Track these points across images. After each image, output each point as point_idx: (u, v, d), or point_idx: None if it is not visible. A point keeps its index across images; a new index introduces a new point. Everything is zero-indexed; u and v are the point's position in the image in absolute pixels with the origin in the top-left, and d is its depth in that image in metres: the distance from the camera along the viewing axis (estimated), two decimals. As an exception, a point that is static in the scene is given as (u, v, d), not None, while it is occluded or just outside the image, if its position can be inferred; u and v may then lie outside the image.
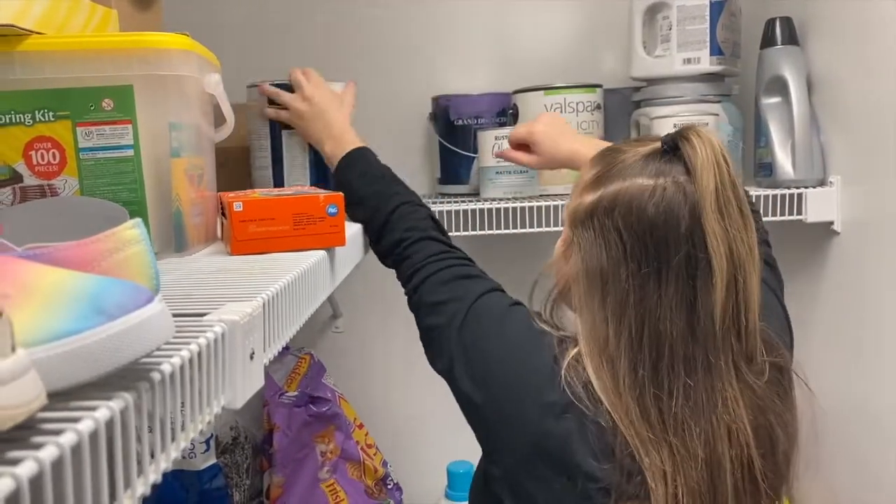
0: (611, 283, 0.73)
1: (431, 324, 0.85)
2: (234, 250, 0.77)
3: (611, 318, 0.73)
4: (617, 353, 0.72)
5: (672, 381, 0.71)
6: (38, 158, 0.70)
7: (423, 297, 0.87)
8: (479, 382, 0.79)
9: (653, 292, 0.72)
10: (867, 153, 1.14)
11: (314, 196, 0.79)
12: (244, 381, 0.46)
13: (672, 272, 0.71)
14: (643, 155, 0.76)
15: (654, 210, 0.72)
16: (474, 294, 0.85)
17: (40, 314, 0.31)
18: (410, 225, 0.95)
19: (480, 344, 0.80)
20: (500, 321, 0.82)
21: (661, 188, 0.72)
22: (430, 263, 0.90)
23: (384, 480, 1.41)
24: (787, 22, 1.25)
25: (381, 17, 1.52)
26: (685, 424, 0.70)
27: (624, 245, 0.72)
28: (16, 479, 0.25)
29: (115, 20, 0.85)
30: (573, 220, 0.78)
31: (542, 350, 0.77)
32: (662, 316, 0.71)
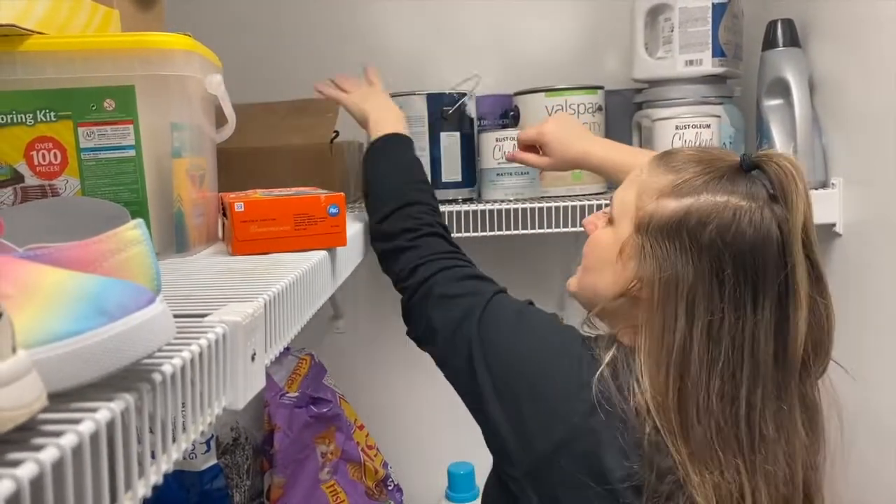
0: (700, 299, 0.72)
1: (440, 319, 0.84)
2: (236, 250, 0.77)
3: (698, 336, 0.72)
4: (699, 370, 0.71)
5: (765, 404, 0.72)
6: (40, 158, 0.70)
7: (432, 289, 0.86)
8: (500, 378, 0.78)
9: (749, 314, 0.72)
10: (869, 155, 1.14)
11: (315, 196, 0.78)
12: (246, 382, 0.46)
13: (768, 297, 0.72)
14: (725, 170, 0.76)
15: (751, 233, 0.72)
16: (490, 291, 0.85)
17: (41, 315, 0.30)
18: (426, 220, 0.94)
19: (503, 338, 0.80)
20: (522, 316, 0.82)
21: (758, 212, 0.73)
22: (441, 259, 0.89)
23: (385, 481, 1.41)
24: (788, 24, 1.25)
25: (383, 19, 1.52)
26: (771, 447, 0.72)
27: (720, 263, 0.72)
28: (16, 480, 0.25)
29: (117, 20, 0.84)
30: (649, 226, 0.75)
31: (571, 344, 0.78)
32: (758, 339, 0.72)
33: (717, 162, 0.77)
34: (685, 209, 0.74)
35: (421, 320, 0.87)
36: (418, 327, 0.88)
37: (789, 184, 0.73)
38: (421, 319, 0.87)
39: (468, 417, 0.83)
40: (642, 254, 0.75)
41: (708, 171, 0.76)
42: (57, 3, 0.75)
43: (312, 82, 1.19)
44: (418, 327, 0.88)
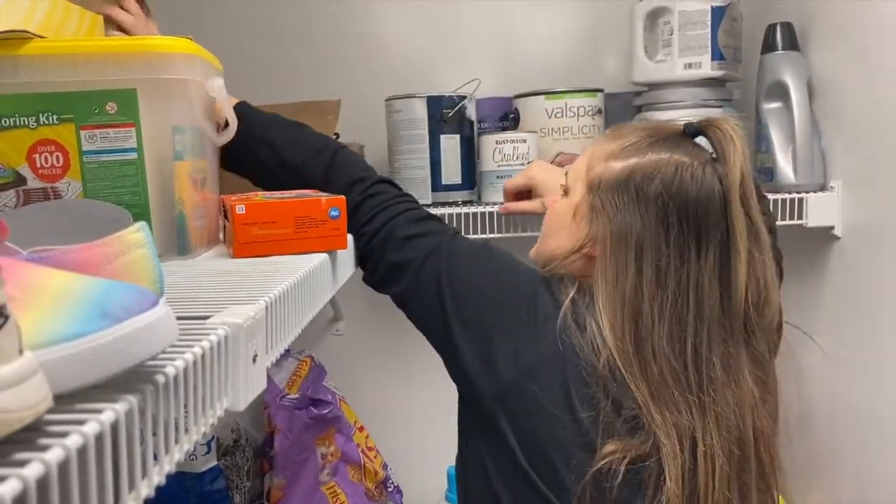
0: (648, 247, 0.78)
1: (405, 257, 0.87)
2: (237, 253, 0.77)
3: (647, 282, 0.77)
4: (650, 313, 0.77)
5: (711, 346, 0.77)
6: (42, 161, 0.71)
7: (393, 231, 0.88)
8: (468, 308, 0.82)
9: (693, 260, 0.78)
10: (868, 158, 1.15)
11: (316, 199, 0.79)
12: (247, 384, 0.46)
13: (711, 245, 0.78)
14: (669, 134, 0.83)
15: (695, 186, 0.78)
16: (450, 230, 0.90)
17: (47, 317, 0.31)
18: (364, 166, 0.96)
19: (471, 270, 0.84)
20: (487, 250, 0.87)
21: (700, 167, 0.79)
22: (397, 203, 0.91)
23: (385, 483, 1.41)
24: (787, 27, 1.25)
25: (384, 22, 1.52)
26: (720, 390, 0.76)
27: (665, 213, 0.78)
28: (23, 480, 0.25)
29: (101, 25, 0.86)
30: (599, 184, 0.81)
31: (536, 278, 0.83)
32: (702, 284, 0.77)
33: (661, 128, 0.85)
34: (631, 166, 0.80)
35: (382, 261, 0.89)
36: (378, 269, 0.90)
37: (727, 143, 0.79)
38: (382, 260, 0.89)
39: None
40: (594, 211, 0.81)
41: (652, 135, 0.83)
42: (52, 8, 0.75)
43: (313, 85, 1.20)
44: (378, 269, 0.90)
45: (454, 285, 0.83)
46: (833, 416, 1.21)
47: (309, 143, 0.96)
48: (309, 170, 0.93)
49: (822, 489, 1.25)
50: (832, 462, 1.22)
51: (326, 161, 0.93)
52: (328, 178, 0.92)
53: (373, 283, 0.92)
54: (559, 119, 1.30)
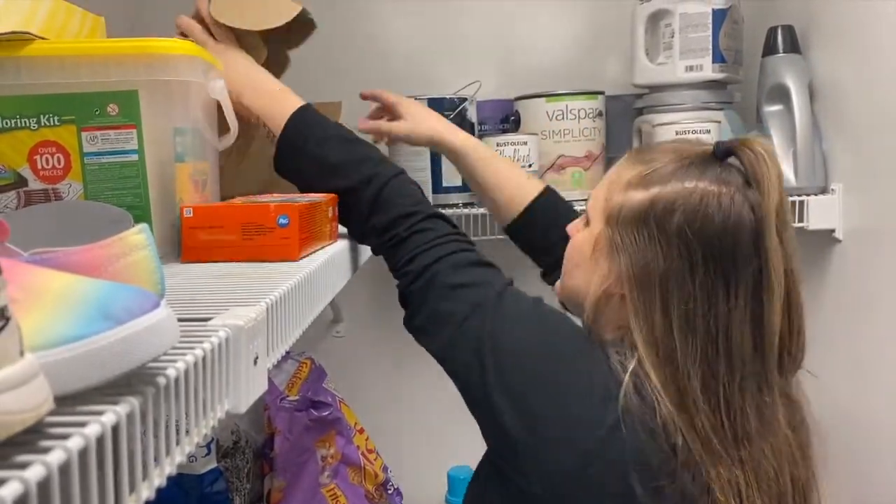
0: (674, 289, 0.70)
1: (446, 309, 0.77)
2: (184, 257, 0.74)
3: (676, 328, 0.70)
4: (684, 363, 0.70)
5: (745, 397, 0.70)
6: (43, 163, 0.70)
7: (437, 276, 0.79)
8: (515, 380, 0.72)
9: (722, 302, 0.70)
10: (869, 161, 1.15)
11: (264, 205, 0.75)
12: (248, 386, 0.46)
13: (741, 284, 0.70)
14: (695, 158, 0.74)
15: (721, 218, 0.70)
16: (499, 282, 0.79)
17: (48, 319, 0.31)
18: (416, 199, 0.86)
19: (519, 337, 0.74)
20: (538, 314, 0.76)
21: (728, 196, 0.71)
22: (446, 243, 0.81)
23: (385, 485, 1.41)
24: (789, 30, 1.25)
25: (385, 24, 1.52)
26: (757, 441, 0.70)
27: (689, 250, 0.70)
28: (24, 482, 0.25)
29: (103, 27, 0.85)
30: (617, 218, 0.74)
31: (590, 349, 0.73)
32: (733, 327, 0.70)
33: (689, 150, 0.76)
34: (652, 197, 0.72)
35: (423, 309, 0.80)
36: (418, 316, 0.81)
37: (761, 167, 0.71)
38: (423, 308, 0.80)
39: (468, 421, 0.82)
40: (613, 246, 0.74)
41: (678, 160, 0.74)
42: (54, 10, 0.75)
43: (315, 87, 1.20)
44: (418, 316, 0.81)
45: (498, 354, 0.73)
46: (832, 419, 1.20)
47: (361, 168, 0.86)
48: (356, 197, 0.85)
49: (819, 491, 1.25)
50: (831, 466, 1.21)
51: (375, 191, 0.84)
52: (374, 210, 0.84)
53: (411, 329, 0.83)
54: (560, 121, 1.30)
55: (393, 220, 0.83)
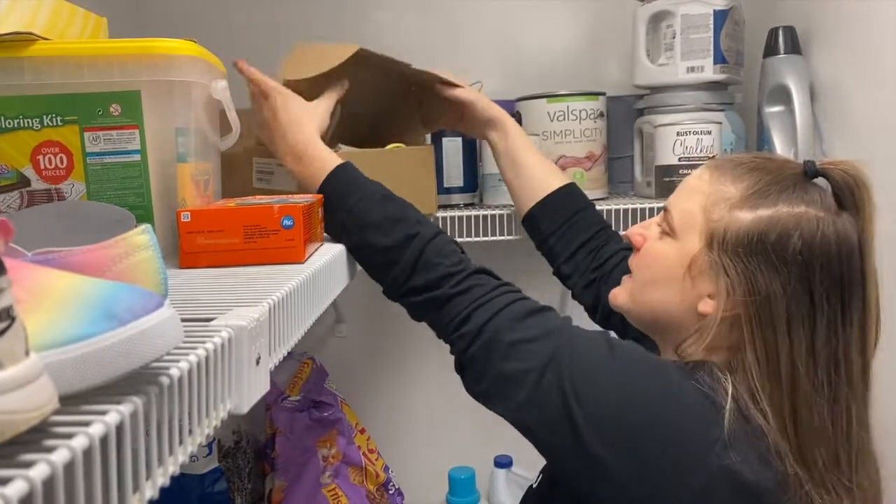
0: (795, 316, 0.69)
1: (516, 368, 0.72)
2: (182, 263, 0.72)
3: (799, 357, 0.68)
4: (808, 392, 0.68)
5: (860, 425, 0.70)
6: (46, 163, 0.71)
7: (498, 335, 0.74)
8: (611, 428, 0.67)
9: (840, 329, 0.69)
10: (869, 162, 1.15)
11: (267, 207, 0.73)
12: (250, 386, 0.46)
13: (854, 310, 0.70)
14: (790, 178, 0.73)
15: (836, 242, 0.69)
16: (559, 326, 0.75)
17: (52, 319, 0.31)
18: (458, 258, 0.82)
19: (603, 383, 0.69)
20: (613, 352, 0.72)
21: (836, 221, 0.70)
22: (497, 296, 0.77)
23: (386, 486, 1.41)
24: (790, 31, 1.25)
25: (385, 25, 1.52)
26: (865, 469, 0.70)
27: (808, 276, 0.69)
28: (29, 481, 0.25)
29: (106, 28, 0.86)
30: (724, 240, 0.71)
31: (680, 380, 0.69)
32: (850, 355, 0.70)
33: (783, 169, 0.74)
34: (766, 221, 0.70)
35: (487, 372, 0.74)
36: (483, 380, 0.75)
37: (861, 192, 0.72)
38: (487, 371, 0.74)
39: (469, 422, 0.82)
40: (721, 271, 0.71)
41: (778, 181, 0.73)
42: (57, 10, 0.76)
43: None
44: (483, 380, 0.75)
45: (587, 405, 0.68)
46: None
47: (400, 228, 0.83)
48: (394, 257, 0.82)
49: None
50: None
51: (417, 251, 0.81)
52: (416, 269, 0.81)
53: (476, 394, 0.77)
54: (561, 122, 1.30)
55: (438, 280, 0.80)
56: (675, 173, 1.21)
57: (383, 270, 0.84)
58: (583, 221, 1.05)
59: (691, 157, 1.20)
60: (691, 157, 1.20)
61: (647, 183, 1.32)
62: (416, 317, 0.84)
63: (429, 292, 0.80)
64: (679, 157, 1.20)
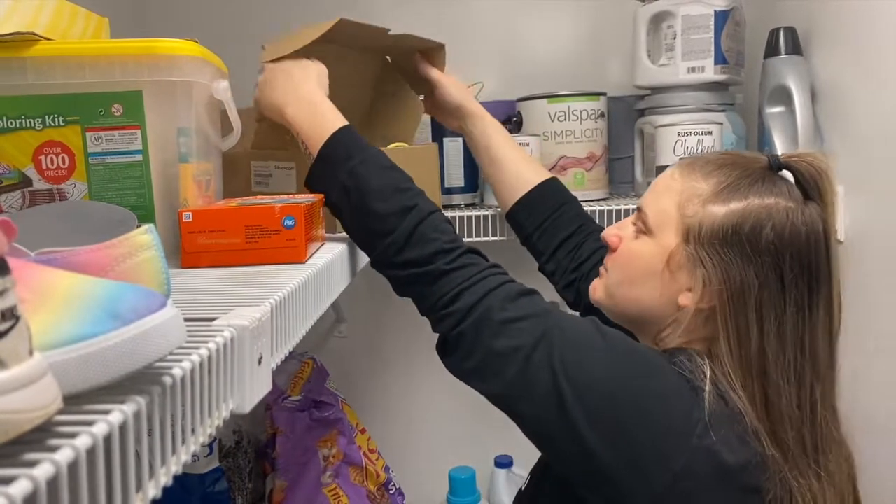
0: (767, 304, 0.71)
1: (507, 346, 0.72)
2: (184, 263, 0.72)
3: (769, 342, 0.71)
4: (776, 375, 0.71)
5: (826, 408, 0.72)
6: (48, 163, 0.71)
7: (489, 313, 0.74)
8: (598, 408, 0.69)
9: (808, 315, 0.72)
10: (871, 163, 1.15)
11: (269, 207, 0.73)
12: (252, 386, 0.46)
13: (822, 296, 0.73)
14: (758, 171, 0.76)
15: (805, 232, 0.73)
16: (548, 308, 0.76)
17: (56, 318, 0.31)
18: (452, 236, 0.81)
19: (592, 363, 0.71)
20: (603, 336, 0.73)
21: (802, 210, 0.73)
22: (488, 276, 0.77)
23: (386, 485, 1.41)
24: (791, 32, 1.25)
25: (386, 24, 1.52)
26: (834, 450, 0.72)
27: (780, 265, 0.72)
28: (33, 481, 0.25)
29: (107, 28, 0.86)
30: (700, 234, 0.74)
31: (663, 365, 0.72)
32: (816, 338, 0.72)
33: (750, 164, 0.77)
34: (738, 214, 0.73)
35: (477, 349, 0.74)
36: (472, 357, 0.75)
37: (823, 181, 0.75)
38: (477, 348, 0.74)
39: (470, 422, 0.82)
40: (699, 263, 0.74)
41: (747, 175, 0.76)
42: (59, 10, 0.76)
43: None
44: (472, 357, 0.75)
45: (577, 384, 0.69)
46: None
47: (400, 197, 0.82)
48: (390, 226, 0.81)
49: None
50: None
51: (413, 223, 0.80)
52: (410, 242, 0.80)
53: (464, 372, 0.76)
54: (562, 122, 1.30)
55: (431, 255, 0.79)
56: (676, 174, 1.21)
57: (376, 238, 0.82)
58: (562, 219, 1.06)
59: (654, 182, 1.20)
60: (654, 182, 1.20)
61: (647, 183, 1.31)
62: (400, 290, 0.83)
63: (420, 266, 0.79)
64: (680, 157, 1.20)
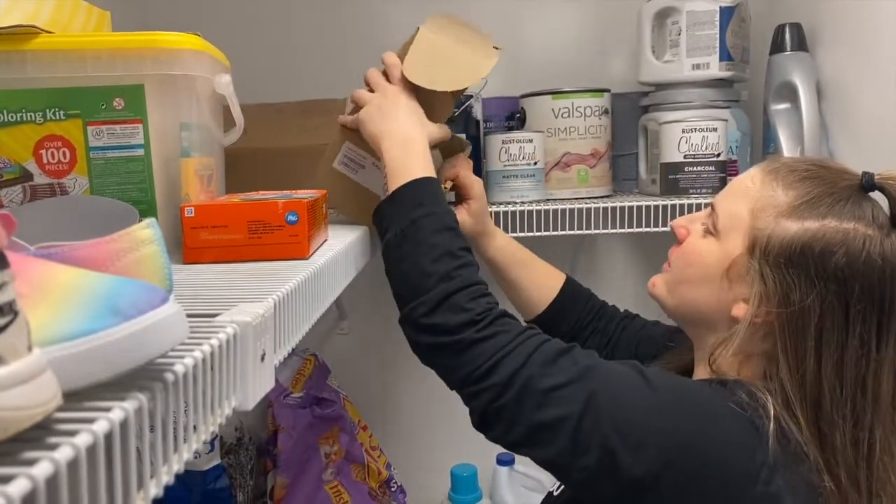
0: (828, 332, 0.68)
1: (553, 416, 0.69)
2: (186, 258, 0.72)
3: (826, 373, 0.68)
4: (830, 408, 0.68)
5: (884, 449, 0.69)
6: (49, 157, 0.70)
7: (530, 383, 0.71)
8: (659, 466, 0.65)
9: (874, 351, 0.68)
10: (876, 160, 1.14)
11: (272, 202, 0.72)
12: (255, 383, 0.46)
13: (892, 334, 0.69)
14: (845, 190, 0.72)
15: (881, 263, 0.68)
16: (588, 364, 0.72)
17: (56, 314, 0.30)
18: (485, 308, 0.77)
19: (644, 421, 0.67)
20: (650, 386, 0.69)
21: (883, 240, 0.69)
22: (523, 342, 0.74)
23: (388, 483, 1.41)
24: (796, 28, 1.24)
25: (390, 20, 1.52)
26: (885, 493, 0.69)
27: (847, 295, 0.68)
28: (32, 479, 0.25)
29: (109, 21, 0.85)
30: (767, 248, 0.71)
31: (718, 404, 0.68)
32: (881, 378, 0.69)
33: (838, 181, 0.73)
34: (811, 234, 0.69)
35: (520, 422, 0.71)
36: (515, 431, 0.71)
37: None
38: (520, 421, 0.71)
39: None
40: (759, 278, 0.71)
41: (831, 192, 0.71)
42: (60, 3, 0.75)
43: (320, 83, 1.19)
44: (515, 431, 0.71)
45: (629, 443, 0.66)
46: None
47: (448, 262, 0.79)
48: (428, 285, 0.78)
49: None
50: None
51: (452, 289, 0.77)
52: (440, 307, 0.77)
53: (508, 444, 0.73)
54: (566, 119, 1.29)
55: (460, 325, 0.75)
56: (680, 171, 1.20)
57: (412, 294, 0.79)
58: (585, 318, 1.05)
59: (696, 155, 1.19)
60: (696, 155, 1.19)
61: (651, 180, 1.31)
62: (426, 357, 0.80)
63: (448, 336, 0.76)
64: (684, 154, 1.20)
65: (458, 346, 0.74)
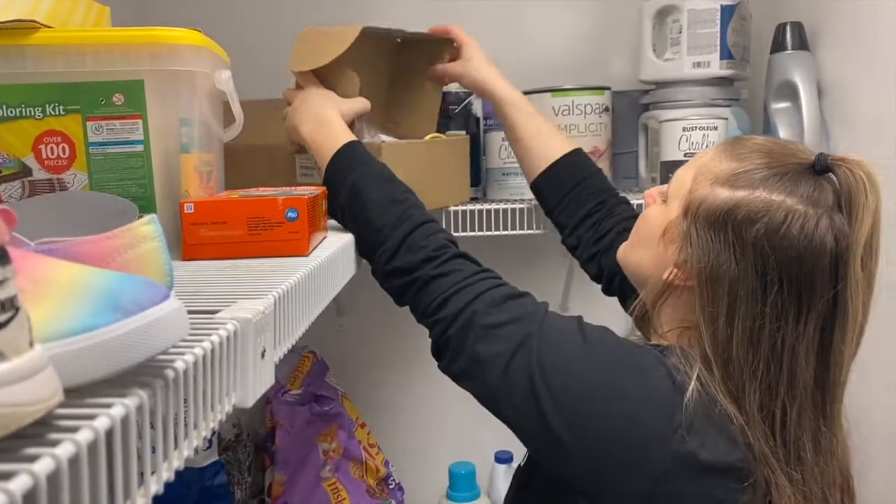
0: (743, 299, 0.68)
1: (489, 351, 0.73)
2: (185, 255, 0.72)
3: (739, 339, 0.69)
4: (742, 376, 0.68)
5: (802, 425, 0.69)
6: (48, 152, 0.70)
7: (474, 318, 0.74)
8: (577, 412, 0.68)
9: (791, 325, 0.68)
10: (876, 159, 1.14)
11: (272, 199, 0.72)
12: (255, 380, 0.46)
13: (814, 311, 0.68)
14: (791, 168, 0.71)
15: (802, 241, 0.68)
16: (536, 311, 0.75)
17: (57, 310, 0.30)
18: (440, 242, 0.82)
19: (571, 367, 0.70)
20: (585, 337, 0.72)
21: (814, 219, 0.68)
22: (475, 282, 0.78)
23: (386, 480, 1.41)
24: (797, 27, 1.24)
25: (389, 17, 1.51)
26: (810, 466, 0.69)
27: (764, 266, 0.68)
28: (33, 476, 0.25)
29: (109, 16, 0.85)
30: (695, 212, 0.72)
31: (646, 357, 0.71)
32: (799, 353, 0.68)
33: (786, 157, 0.73)
34: (736, 201, 0.70)
35: (462, 353, 0.75)
36: (458, 362, 0.76)
37: (858, 194, 0.69)
38: (462, 352, 0.75)
39: (470, 417, 0.82)
40: (686, 240, 0.72)
41: (773, 166, 0.71)
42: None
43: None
44: (458, 362, 0.76)
45: (552, 388, 0.69)
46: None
47: (396, 208, 0.85)
48: (384, 236, 0.83)
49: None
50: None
51: (405, 232, 0.82)
52: (399, 251, 0.82)
53: (452, 374, 0.78)
54: (566, 116, 1.29)
55: (420, 262, 0.80)
56: (681, 169, 1.20)
57: (373, 250, 0.85)
58: (583, 192, 1.05)
59: (697, 153, 1.19)
60: (697, 153, 1.19)
61: (651, 179, 1.31)
62: (398, 300, 0.85)
63: (409, 274, 0.81)
64: (685, 152, 1.20)
65: (418, 282, 0.80)
